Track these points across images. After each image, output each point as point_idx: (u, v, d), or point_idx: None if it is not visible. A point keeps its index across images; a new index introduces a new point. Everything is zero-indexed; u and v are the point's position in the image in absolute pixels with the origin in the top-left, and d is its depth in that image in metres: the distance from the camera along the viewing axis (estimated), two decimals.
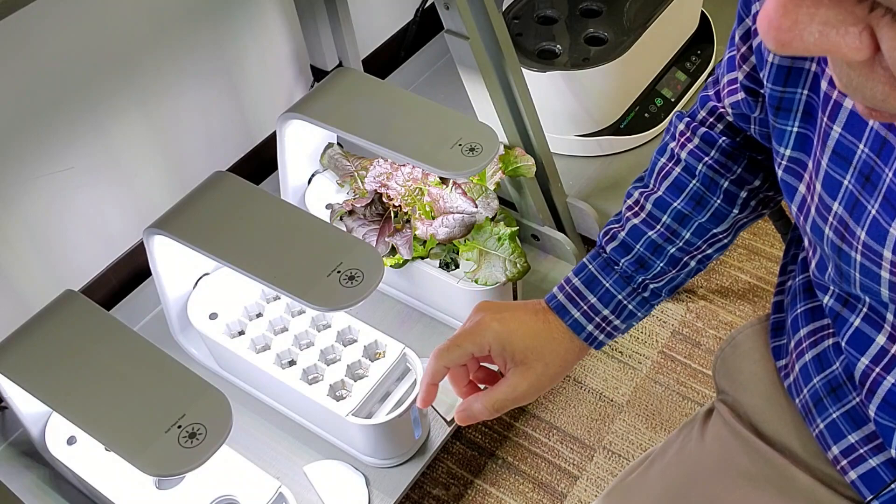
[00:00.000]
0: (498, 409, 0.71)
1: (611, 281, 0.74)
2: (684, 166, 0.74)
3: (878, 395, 0.60)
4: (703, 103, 0.76)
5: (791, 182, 0.60)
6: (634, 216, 0.75)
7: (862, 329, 0.60)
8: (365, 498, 1.05)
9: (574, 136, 1.44)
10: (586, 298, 0.74)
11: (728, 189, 0.73)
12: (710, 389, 1.37)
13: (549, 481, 1.28)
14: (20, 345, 0.92)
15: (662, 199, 0.74)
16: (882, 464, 0.64)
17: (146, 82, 1.18)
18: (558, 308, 0.74)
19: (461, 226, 1.11)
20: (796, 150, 0.59)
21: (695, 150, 0.74)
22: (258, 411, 1.13)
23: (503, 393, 0.70)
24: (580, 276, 0.75)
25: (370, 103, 1.11)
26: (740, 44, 0.62)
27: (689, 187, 0.74)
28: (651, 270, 0.75)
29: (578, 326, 0.74)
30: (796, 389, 0.70)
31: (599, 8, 1.45)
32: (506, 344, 0.71)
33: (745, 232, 1.56)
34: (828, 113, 0.54)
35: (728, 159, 0.73)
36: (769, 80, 0.57)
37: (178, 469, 0.80)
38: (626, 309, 0.75)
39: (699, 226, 0.74)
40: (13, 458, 1.09)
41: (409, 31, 1.59)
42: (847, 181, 0.54)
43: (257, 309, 1.14)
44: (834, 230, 0.56)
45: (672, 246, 0.74)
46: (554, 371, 0.73)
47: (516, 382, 0.71)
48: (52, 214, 1.13)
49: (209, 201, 1.02)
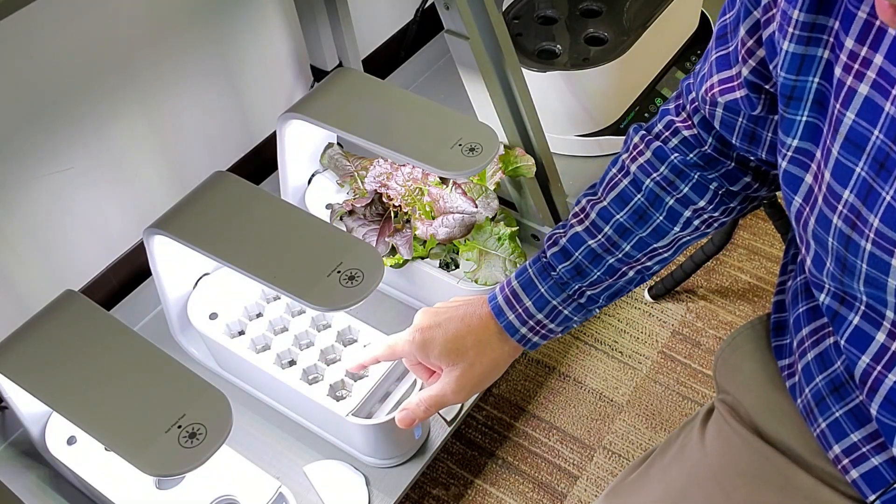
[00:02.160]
0: (430, 406, 0.78)
1: (546, 286, 0.76)
2: (632, 179, 0.75)
3: (879, 394, 0.60)
4: (662, 116, 0.76)
5: (797, 173, 0.60)
6: (578, 223, 0.76)
7: (861, 327, 0.60)
8: (365, 498, 1.05)
9: (574, 136, 1.44)
10: (522, 302, 0.76)
11: (672, 207, 0.74)
12: (710, 389, 1.37)
13: (549, 481, 1.28)
14: (20, 345, 0.92)
15: (606, 210, 0.75)
16: (884, 462, 0.64)
17: (146, 82, 1.18)
18: (496, 309, 0.77)
19: (461, 226, 1.11)
20: (805, 140, 0.58)
21: (645, 164, 0.74)
22: (258, 411, 1.13)
23: (433, 391, 0.77)
24: (519, 279, 0.78)
25: (370, 103, 1.11)
26: (746, 38, 0.62)
27: (633, 201, 0.74)
28: (588, 278, 0.76)
29: (512, 328, 0.77)
30: (799, 389, 0.70)
31: (599, 8, 1.45)
32: (424, 355, 0.78)
33: (745, 232, 1.56)
34: (840, 100, 0.54)
35: (676, 177, 0.73)
36: (783, 68, 0.57)
37: (178, 469, 0.80)
38: (561, 314, 0.77)
39: (640, 240, 0.75)
40: (13, 458, 1.09)
41: (409, 31, 1.59)
42: (860, 168, 0.54)
43: (257, 309, 1.14)
44: (844, 219, 0.56)
45: (611, 256, 0.75)
46: (481, 370, 0.77)
47: (444, 383, 0.77)
48: (52, 214, 1.13)
49: (209, 201, 1.02)
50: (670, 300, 1.48)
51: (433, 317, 0.79)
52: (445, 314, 0.79)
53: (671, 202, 0.74)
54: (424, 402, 0.78)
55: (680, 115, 0.75)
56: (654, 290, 1.47)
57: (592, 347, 1.43)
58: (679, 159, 0.73)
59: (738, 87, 0.65)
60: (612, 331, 1.45)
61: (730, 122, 0.68)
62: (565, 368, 1.40)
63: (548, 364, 1.41)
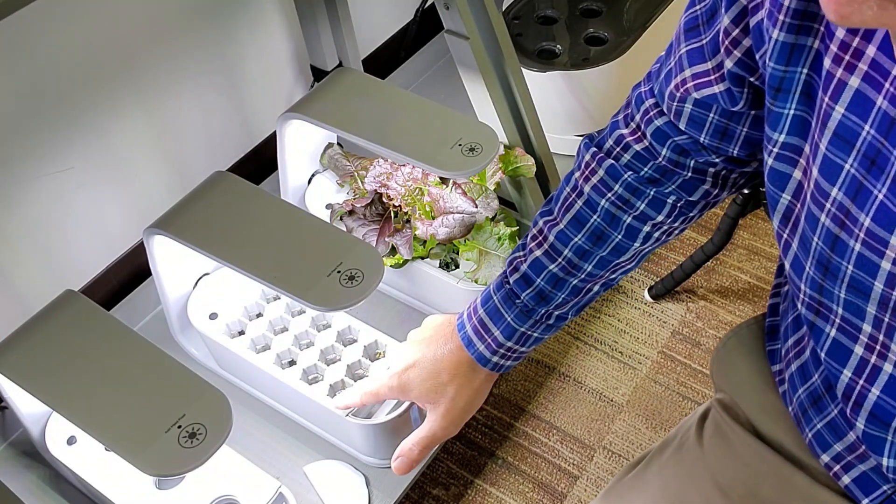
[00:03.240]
0: (423, 448, 0.80)
1: (512, 315, 0.76)
2: (586, 200, 0.73)
3: (864, 409, 0.58)
4: (612, 130, 0.74)
5: (784, 170, 0.58)
6: (538, 247, 0.75)
7: (839, 340, 0.58)
8: (365, 498, 1.05)
9: (574, 136, 1.44)
10: (490, 332, 0.76)
11: (630, 224, 0.72)
12: (710, 389, 1.37)
13: (549, 481, 1.28)
14: (20, 345, 0.92)
15: (563, 234, 0.74)
16: (870, 470, 0.64)
17: (146, 82, 1.18)
18: (466, 340, 0.77)
19: (461, 226, 1.11)
20: (792, 134, 0.56)
21: (598, 184, 0.72)
22: (258, 411, 1.13)
23: (423, 433, 0.80)
24: (486, 307, 0.77)
25: (370, 103, 1.11)
26: (731, 27, 0.57)
27: (589, 222, 0.73)
28: (553, 302, 0.75)
29: (483, 359, 0.77)
30: (788, 397, 0.70)
31: (599, 8, 1.45)
32: (405, 396, 0.81)
33: (745, 232, 1.56)
34: (829, 93, 0.51)
35: (632, 195, 0.72)
36: (772, 58, 0.54)
37: (178, 469, 0.80)
38: (530, 338, 0.77)
39: (600, 259, 0.74)
40: (13, 458, 1.09)
41: (409, 31, 1.59)
42: (849, 165, 0.51)
43: (257, 309, 1.14)
44: (832, 217, 0.54)
45: (574, 278, 0.74)
46: (464, 402, 0.78)
47: (431, 421, 0.79)
48: (52, 214, 1.13)
49: (209, 201, 1.02)
50: (670, 300, 1.48)
51: (408, 354, 0.80)
52: (419, 351, 0.80)
53: (629, 220, 0.72)
54: (417, 445, 0.80)
55: (629, 127, 0.72)
56: (654, 290, 1.47)
57: (592, 347, 1.43)
58: (633, 177, 0.71)
59: (717, 80, 0.61)
60: (612, 331, 1.45)
61: (700, 119, 0.65)
62: (565, 368, 1.40)
63: (548, 364, 1.41)
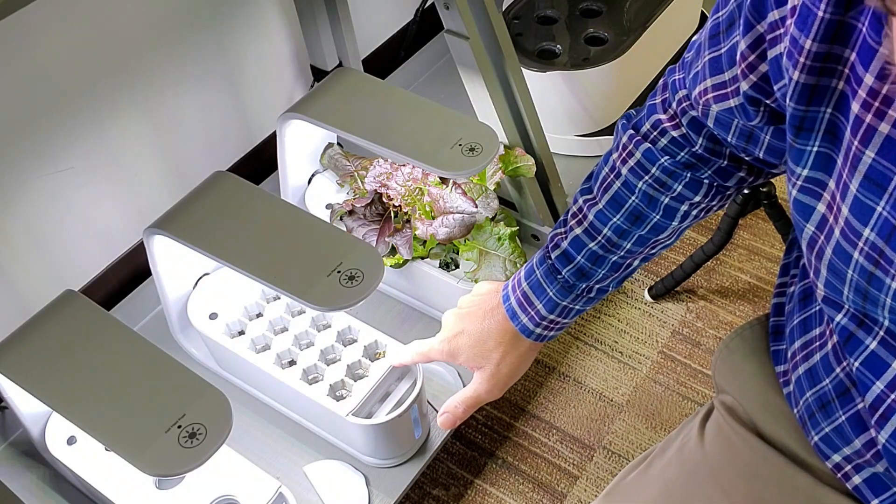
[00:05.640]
0: (468, 406, 0.83)
1: (554, 290, 0.78)
2: (624, 182, 0.74)
3: (891, 423, 0.58)
4: (649, 114, 0.74)
5: (808, 202, 0.58)
6: (577, 224, 0.77)
7: (878, 353, 0.57)
8: (365, 498, 1.05)
9: (574, 136, 1.44)
10: (533, 305, 0.79)
11: (668, 205, 0.73)
12: (710, 389, 1.37)
13: (549, 481, 1.28)
14: (20, 345, 0.92)
15: (603, 213, 0.75)
16: (881, 472, 0.64)
17: (146, 82, 1.18)
18: (510, 312, 0.80)
19: (461, 226, 1.11)
20: (816, 169, 0.56)
21: (635, 167, 0.73)
22: (258, 411, 1.13)
23: (468, 392, 0.82)
24: (529, 281, 0.80)
25: (370, 103, 1.11)
26: (747, 52, 0.57)
27: (628, 203, 0.74)
28: (593, 278, 0.77)
29: (527, 330, 0.80)
30: (794, 399, 0.70)
31: (599, 8, 1.45)
32: (454, 360, 0.83)
33: (745, 232, 1.56)
34: (859, 137, 0.51)
35: (669, 177, 0.72)
36: (792, 99, 0.54)
37: (178, 469, 0.80)
38: (572, 310, 0.80)
39: (639, 237, 0.75)
40: (13, 458, 1.09)
41: (409, 31, 1.59)
42: (881, 208, 0.51)
43: (257, 309, 1.14)
44: (865, 256, 0.53)
45: (613, 255, 0.76)
46: (508, 368, 0.81)
47: (477, 383, 0.82)
48: (52, 214, 1.13)
49: (209, 201, 1.02)
50: (670, 300, 1.48)
51: (458, 323, 0.83)
52: (468, 319, 0.82)
53: (666, 201, 0.73)
54: (462, 404, 0.83)
55: (667, 113, 0.72)
56: (654, 290, 1.47)
57: (592, 347, 1.43)
58: (669, 161, 0.72)
59: (733, 94, 0.62)
60: (612, 331, 1.45)
61: (725, 122, 0.66)
62: (565, 368, 1.40)
63: (548, 364, 1.41)
